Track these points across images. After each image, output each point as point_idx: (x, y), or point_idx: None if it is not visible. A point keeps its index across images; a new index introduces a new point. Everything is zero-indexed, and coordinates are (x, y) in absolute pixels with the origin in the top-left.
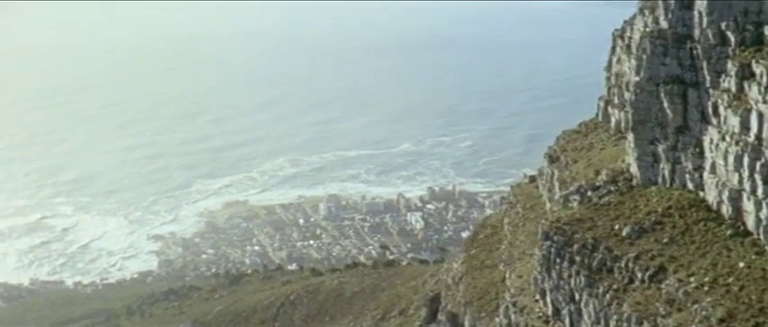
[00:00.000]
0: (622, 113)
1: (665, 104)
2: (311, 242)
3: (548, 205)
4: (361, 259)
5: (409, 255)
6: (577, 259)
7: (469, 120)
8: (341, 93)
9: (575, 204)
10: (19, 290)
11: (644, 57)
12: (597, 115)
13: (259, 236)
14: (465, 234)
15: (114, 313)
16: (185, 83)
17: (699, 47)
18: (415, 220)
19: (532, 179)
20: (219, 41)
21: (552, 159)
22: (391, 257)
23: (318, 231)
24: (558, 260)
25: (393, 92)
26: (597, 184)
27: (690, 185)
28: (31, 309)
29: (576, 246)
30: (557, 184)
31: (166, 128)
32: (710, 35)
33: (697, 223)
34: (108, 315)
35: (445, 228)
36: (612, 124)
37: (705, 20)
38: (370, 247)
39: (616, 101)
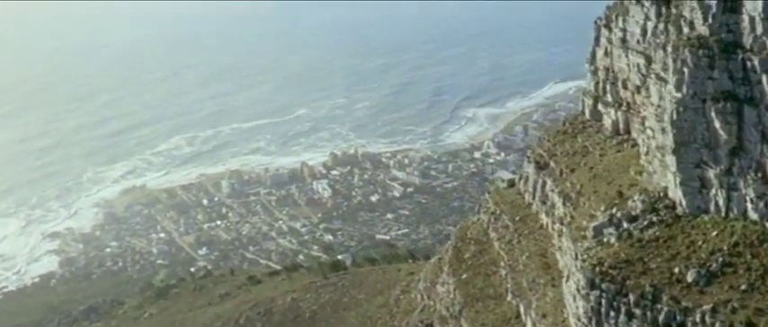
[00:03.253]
0: (620, 113)
1: (717, 124)
2: (218, 222)
3: (544, 219)
4: (273, 234)
5: (355, 249)
6: (637, 312)
7: (370, 79)
8: (237, 62)
9: (612, 238)
10: None
11: (686, 69)
12: (582, 112)
13: (163, 222)
14: (374, 198)
15: None
16: (74, 64)
17: (753, 57)
18: (323, 188)
19: (511, 184)
20: (103, 17)
21: (540, 165)
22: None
23: (224, 210)
24: (612, 314)
25: (290, 55)
26: (633, 213)
27: (753, 215)
28: None
29: (632, 296)
30: (555, 197)
31: (59, 115)
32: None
33: None
34: None
35: (353, 193)
36: (607, 124)
37: (759, 25)
38: (281, 222)
39: (610, 99)
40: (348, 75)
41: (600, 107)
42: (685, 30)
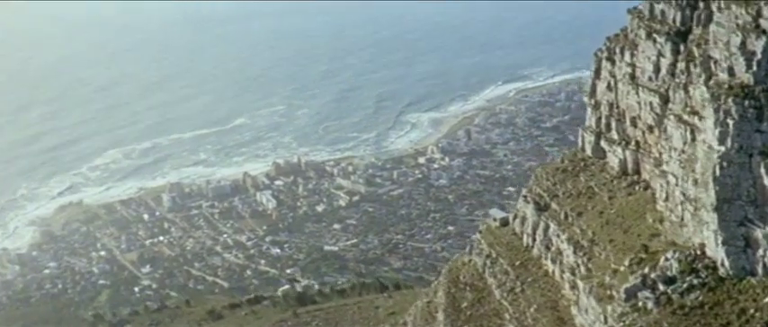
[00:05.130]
0: (628, 152)
1: (765, 180)
2: (161, 238)
3: (549, 266)
4: (218, 249)
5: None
6: None
7: (312, 86)
8: (175, 71)
9: (649, 303)
10: None
11: (730, 122)
12: (582, 148)
13: (103, 240)
14: (320, 208)
15: None
16: (5, 75)
17: None
18: (267, 200)
19: (505, 222)
20: (35, 26)
21: (540, 206)
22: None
23: (166, 225)
24: None
25: (230, 63)
26: (669, 273)
27: None
28: None
29: None
30: (563, 244)
31: None
32: None
33: None
34: None
35: (298, 204)
36: (613, 163)
37: None
38: (225, 235)
39: (615, 136)
40: (290, 83)
41: (603, 144)
42: (722, 75)
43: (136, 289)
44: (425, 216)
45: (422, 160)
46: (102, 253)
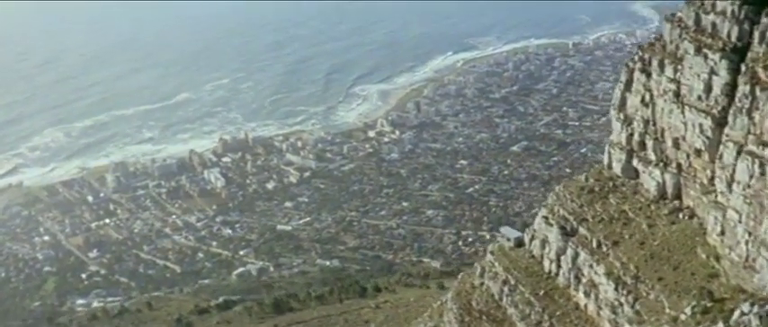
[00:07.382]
0: (668, 175)
1: None
2: (107, 220)
3: (581, 299)
4: (167, 231)
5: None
6: None
7: (261, 58)
8: (118, 45)
9: None
10: None
11: None
12: (609, 165)
13: (46, 224)
14: (270, 186)
15: None
16: None
17: None
18: (215, 178)
19: (519, 243)
20: None
21: (566, 231)
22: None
23: (112, 206)
24: None
25: (175, 37)
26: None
27: None
28: None
29: None
30: (599, 277)
31: None
32: None
33: None
34: None
35: (248, 182)
36: (650, 186)
37: None
38: (174, 216)
39: (652, 157)
40: (236, 55)
41: (636, 163)
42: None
43: (83, 276)
44: (378, 191)
45: (372, 134)
46: (46, 238)
